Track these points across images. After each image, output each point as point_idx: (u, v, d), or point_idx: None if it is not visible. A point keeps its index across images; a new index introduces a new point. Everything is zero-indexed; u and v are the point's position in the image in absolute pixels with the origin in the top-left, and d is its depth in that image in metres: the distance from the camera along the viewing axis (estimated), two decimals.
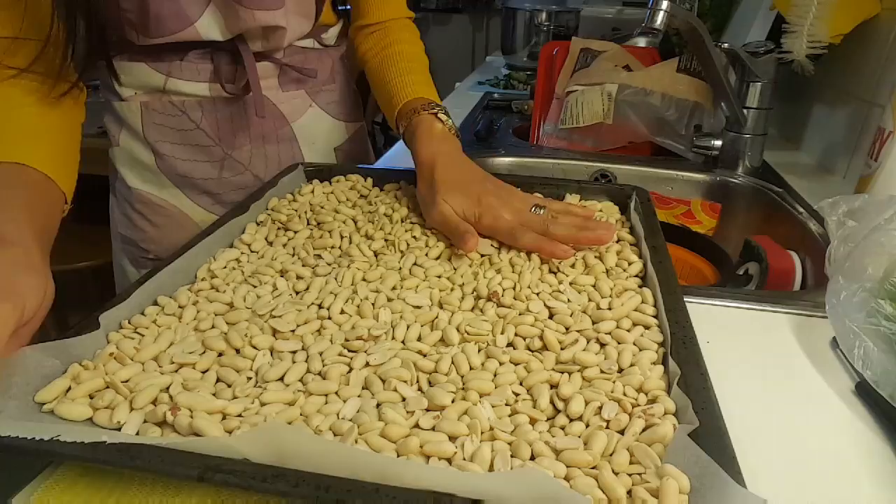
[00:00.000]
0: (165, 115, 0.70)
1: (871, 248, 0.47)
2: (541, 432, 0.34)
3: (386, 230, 0.58)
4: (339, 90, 0.82)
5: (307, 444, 0.28)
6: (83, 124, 0.63)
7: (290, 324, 0.43)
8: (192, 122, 0.71)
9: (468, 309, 0.46)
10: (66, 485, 0.31)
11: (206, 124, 0.71)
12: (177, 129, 0.71)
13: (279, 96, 0.75)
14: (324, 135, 0.81)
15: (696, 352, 0.38)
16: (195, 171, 0.73)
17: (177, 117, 0.70)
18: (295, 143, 0.78)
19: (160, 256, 0.77)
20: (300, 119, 0.77)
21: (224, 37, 0.66)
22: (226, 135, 0.73)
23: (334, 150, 0.84)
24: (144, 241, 0.77)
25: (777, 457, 0.37)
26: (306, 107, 0.78)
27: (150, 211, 0.75)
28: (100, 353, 0.39)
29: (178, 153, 0.72)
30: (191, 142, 0.72)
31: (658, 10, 0.76)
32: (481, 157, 0.99)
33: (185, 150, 0.72)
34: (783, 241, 0.75)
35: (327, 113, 0.81)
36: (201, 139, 0.72)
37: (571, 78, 1.04)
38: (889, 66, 0.81)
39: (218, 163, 0.74)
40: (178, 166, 0.73)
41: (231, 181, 0.75)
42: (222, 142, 0.73)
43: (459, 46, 3.28)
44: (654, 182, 0.96)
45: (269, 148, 0.76)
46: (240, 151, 0.74)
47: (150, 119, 0.71)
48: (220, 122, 0.72)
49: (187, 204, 0.75)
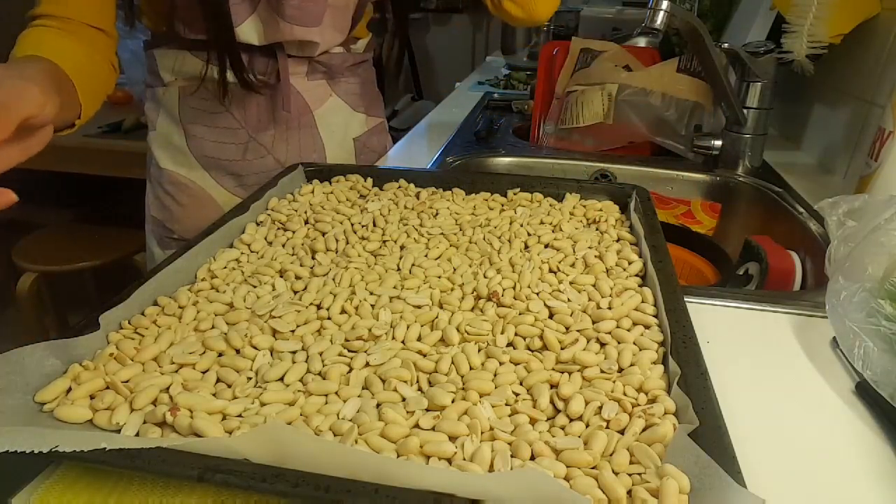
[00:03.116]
0: (199, 98, 0.76)
1: (871, 248, 0.47)
2: (541, 432, 0.34)
3: (383, 230, 0.58)
4: (360, 84, 0.87)
5: (307, 444, 0.28)
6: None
7: (290, 324, 0.43)
8: (221, 105, 0.77)
9: (468, 309, 0.46)
10: (66, 485, 0.31)
11: (234, 108, 0.77)
12: (208, 111, 0.77)
13: (304, 84, 0.80)
14: (343, 124, 0.86)
15: (696, 352, 0.38)
16: (222, 153, 0.79)
17: (209, 101, 0.76)
18: (315, 130, 0.83)
19: (184, 237, 0.82)
20: (321, 108, 0.82)
21: (261, 42, 0.72)
22: (251, 119, 0.78)
23: (353, 140, 0.88)
24: (170, 220, 0.82)
25: (777, 457, 0.37)
26: (327, 96, 0.83)
27: (177, 190, 0.81)
28: (100, 354, 0.39)
29: (207, 135, 0.78)
30: (219, 124, 0.78)
31: (658, 10, 0.76)
32: (481, 157, 0.99)
33: (214, 131, 0.78)
34: (783, 241, 0.75)
35: (346, 103, 0.85)
36: (229, 122, 0.78)
37: (571, 78, 1.04)
38: (889, 66, 0.81)
39: (243, 145, 0.79)
40: (206, 147, 0.79)
41: (254, 164, 0.81)
42: (248, 125, 0.79)
43: (459, 46, 3.28)
44: (654, 182, 0.96)
45: (290, 134, 0.81)
46: (264, 135, 0.80)
47: (186, 103, 0.77)
48: (247, 107, 0.78)
49: (212, 184, 0.81)
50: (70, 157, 1.54)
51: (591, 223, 0.60)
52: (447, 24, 3.27)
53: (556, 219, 0.60)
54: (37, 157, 0.46)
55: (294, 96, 0.79)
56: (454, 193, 0.66)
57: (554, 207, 0.63)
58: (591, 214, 0.61)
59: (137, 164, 0.89)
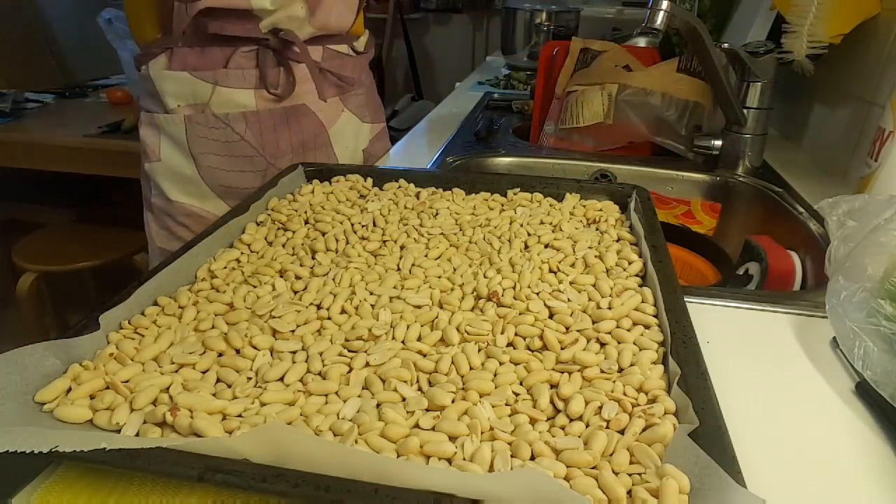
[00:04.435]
0: (209, 127, 0.72)
1: (871, 248, 0.47)
2: (541, 432, 0.34)
3: (383, 230, 0.58)
4: (366, 93, 0.86)
5: (307, 444, 0.28)
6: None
7: (290, 324, 0.43)
8: (236, 134, 0.73)
9: (468, 309, 0.46)
10: (66, 485, 0.31)
11: (249, 135, 0.74)
12: (221, 141, 0.73)
13: (318, 104, 0.78)
14: (353, 137, 0.85)
15: (696, 352, 0.38)
16: (239, 182, 0.76)
17: (220, 129, 0.72)
18: (330, 148, 0.82)
19: None
20: (335, 125, 0.81)
21: (274, 7, 0.68)
22: (269, 144, 0.75)
23: (363, 151, 0.88)
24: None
25: (777, 457, 0.37)
26: (340, 112, 0.82)
27: (192, 222, 0.77)
28: (100, 354, 0.39)
29: (222, 164, 0.74)
30: (235, 153, 0.74)
31: (658, 10, 0.76)
32: (481, 157, 0.99)
33: (230, 161, 0.74)
34: (783, 241, 0.75)
35: (356, 116, 0.85)
36: (245, 150, 0.75)
37: (571, 78, 1.04)
38: (889, 66, 0.81)
39: (261, 172, 0.76)
40: (221, 177, 0.75)
41: None
42: (265, 151, 0.76)
43: (459, 46, 3.28)
44: (654, 182, 0.96)
45: (307, 155, 0.80)
46: (282, 160, 0.77)
47: (194, 132, 0.72)
48: (263, 132, 0.75)
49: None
50: (70, 157, 1.53)
51: (591, 223, 0.60)
52: (447, 24, 3.27)
53: (556, 219, 0.60)
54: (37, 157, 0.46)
55: (309, 117, 0.77)
56: (454, 193, 0.66)
57: (554, 207, 0.63)
58: (591, 214, 0.61)
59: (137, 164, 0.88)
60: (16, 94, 1.78)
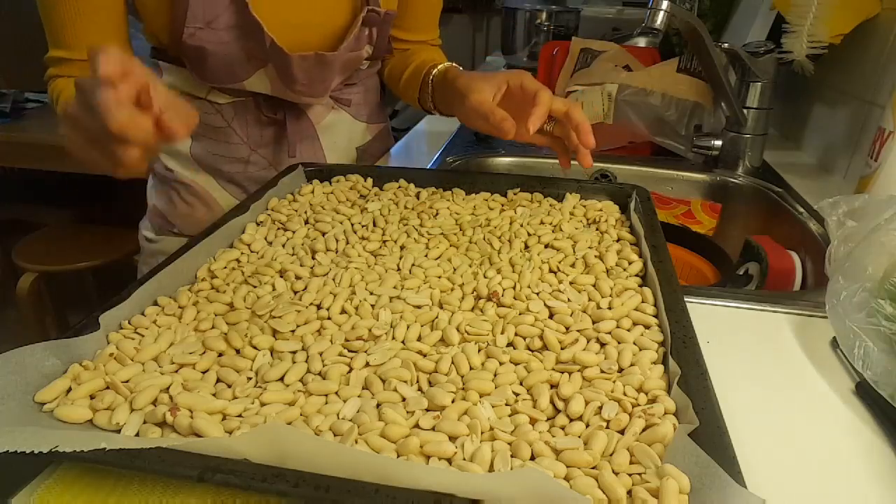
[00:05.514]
0: (202, 112, 0.76)
1: (871, 248, 0.47)
2: (541, 432, 0.34)
3: (383, 230, 0.58)
4: (364, 93, 0.87)
5: (307, 444, 0.28)
6: None
7: (290, 324, 0.43)
8: (223, 121, 0.77)
9: (468, 309, 0.46)
10: (66, 485, 0.31)
11: (236, 124, 0.78)
12: (211, 125, 0.77)
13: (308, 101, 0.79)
14: (345, 134, 0.86)
15: (696, 352, 0.38)
16: (224, 164, 0.80)
17: (212, 115, 0.76)
18: (317, 140, 0.83)
19: (183, 232, 0.83)
20: (324, 120, 0.83)
21: (269, 92, 0.75)
22: (254, 136, 0.79)
23: (356, 149, 0.89)
24: (173, 215, 0.83)
25: (777, 457, 0.37)
26: (328, 109, 0.83)
27: (185, 190, 0.82)
28: (100, 354, 0.39)
29: (210, 147, 0.79)
30: (221, 138, 0.78)
31: (658, 10, 0.76)
32: (481, 157, 0.99)
33: (216, 144, 0.78)
34: (783, 241, 0.75)
35: (349, 114, 0.86)
36: (230, 137, 0.78)
37: (571, 78, 1.04)
38: (889, 66, 0.81)
39: (244, 158, 0.80)
40: (208, 158, 0.79)
41: (256, 175, 0.81)
42: (250, 140, 0.79)
43: (459, 46, 3.28)
44: (654, 182, 0.96)
45: (292, 147, 0.81)
46: (266, 150, 0.80)
47: None
48: (249, 124, 0.78)
49: (216, 188, 0.82)
50: (70, 157, 1.54)
51: (591, 223, 0.60)
52: (447, 24, 3.27)
53: (556, 219, 0.60)
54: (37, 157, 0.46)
55: (296, 111, 0.79)
56: (454, 193, 0.66)
57: (554, 207, 0.63)
58: (592, 214, 0.61)
59: None
60: (16, 94, 1.78)
